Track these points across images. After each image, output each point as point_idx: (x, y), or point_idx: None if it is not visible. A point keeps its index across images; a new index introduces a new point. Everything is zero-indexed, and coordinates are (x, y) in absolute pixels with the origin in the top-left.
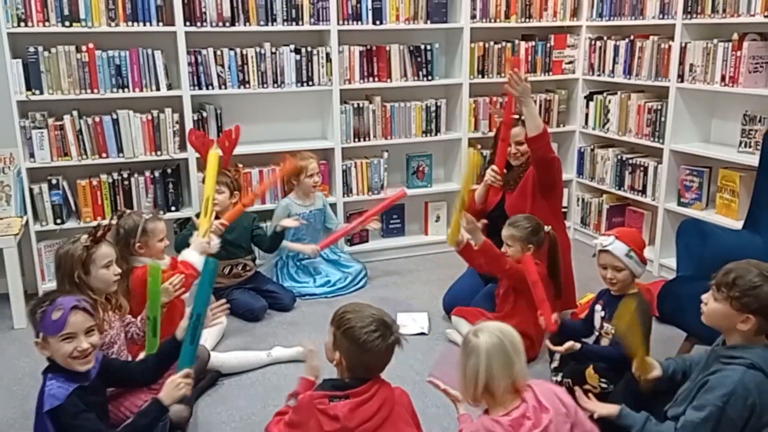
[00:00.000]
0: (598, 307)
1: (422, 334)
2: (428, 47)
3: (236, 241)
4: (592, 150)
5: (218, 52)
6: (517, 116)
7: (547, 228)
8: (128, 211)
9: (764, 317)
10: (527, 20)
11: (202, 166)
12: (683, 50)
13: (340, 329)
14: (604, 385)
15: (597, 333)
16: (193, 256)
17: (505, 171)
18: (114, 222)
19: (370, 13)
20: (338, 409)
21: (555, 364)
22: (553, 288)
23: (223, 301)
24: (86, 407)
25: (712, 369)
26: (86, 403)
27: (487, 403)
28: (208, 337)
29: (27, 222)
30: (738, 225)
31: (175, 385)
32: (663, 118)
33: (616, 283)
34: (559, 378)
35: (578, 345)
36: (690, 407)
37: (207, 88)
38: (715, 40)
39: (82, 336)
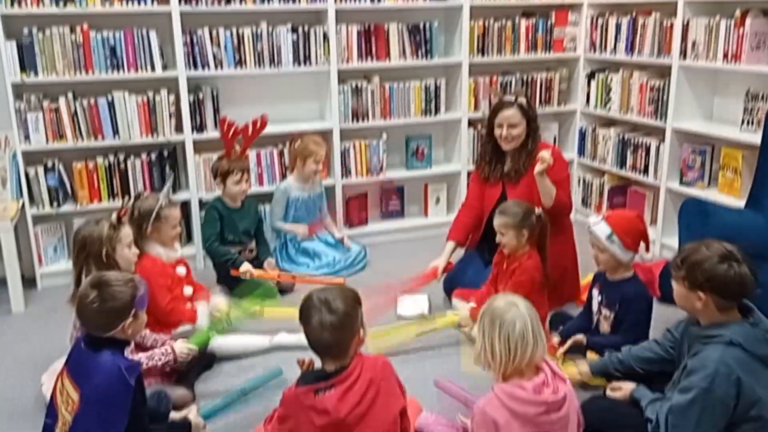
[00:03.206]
0: (595, 292)
1: (423, 317)
2: (427, 25)
3: (248, 229)
4: (594, 130)
5: (214, 32)
6: (512, 98)
7: (537, 210)
8: (146, 193)
9: (715, 292)
10: None
11: (200, 149)
12: (686, 27)
13: None
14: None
15: (596, 317)
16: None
17: (490, 159)
18: (130, 203)
19: None
20: (326, 403)
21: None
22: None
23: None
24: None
25: (693, 351)
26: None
27: (509, 375)
28: (206, 318)
29: (23, 205)
30: (740, 203)
31: None
32: (665, 96)
33: (600, 263)
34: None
35: (583, 339)
36: (677, 390)
37: (203, 69)
38: (718, 17)
39: None
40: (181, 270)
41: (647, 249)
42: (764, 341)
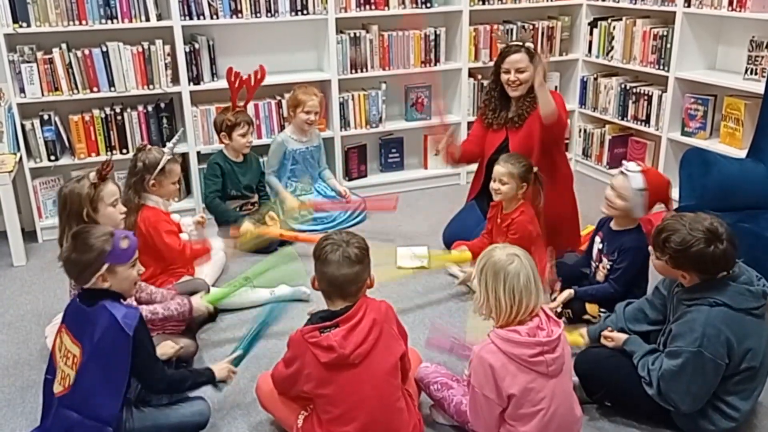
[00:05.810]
0: (597, 238)
1: (422, 268)
2: None
3: (250, 183)
4: (595, 79)
5: None
6: (519, 43)
7: (535, 169)
8: (149, 146)
9: (699, 272)
10: None
11: (197, 100)
12: None
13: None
14: (603, 314)
15: (594, 265)
16: (217, 243)
17: (495, 107)
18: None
19: None
20: (331, 339)
21: (555, 295)
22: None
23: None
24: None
25: (678, 314)
26: None
27: (509, 324)
28: (208, 273)
29: (21, 159)
30: (742, 154)
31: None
32: (669, 45)
33: (614, 208)
34: (559, 309)
35: (572, 292)
36: (665, 355)
37: (198, 18)
38: None
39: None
40: (175, 217)
41: (668, 209)
42: (747, 293)
